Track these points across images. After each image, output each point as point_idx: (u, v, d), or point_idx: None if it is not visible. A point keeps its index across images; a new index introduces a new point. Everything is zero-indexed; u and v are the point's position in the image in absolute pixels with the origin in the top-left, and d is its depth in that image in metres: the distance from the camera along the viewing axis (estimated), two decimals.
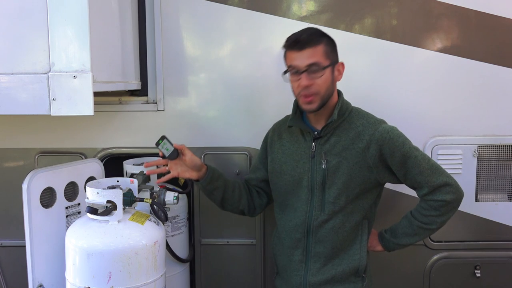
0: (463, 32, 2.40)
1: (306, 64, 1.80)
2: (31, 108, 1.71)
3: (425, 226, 1.94)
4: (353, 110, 1.97)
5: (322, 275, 1.93)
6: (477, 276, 2.50)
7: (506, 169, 2.45)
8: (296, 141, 2.00)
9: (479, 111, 2.43)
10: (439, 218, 1.92)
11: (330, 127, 1.92)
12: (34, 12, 1.69)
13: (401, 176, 1.91)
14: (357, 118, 1.93)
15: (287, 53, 1.88)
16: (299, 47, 1.82)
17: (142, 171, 2.20)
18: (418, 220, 1.94)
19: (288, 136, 2.03)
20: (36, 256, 1.95)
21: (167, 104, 2.45)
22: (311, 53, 1.81)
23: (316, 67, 1.81)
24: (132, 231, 1.79)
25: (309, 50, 1.81)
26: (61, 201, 2.06)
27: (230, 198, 2.07)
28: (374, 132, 1.88)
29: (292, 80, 1.88)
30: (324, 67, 1.82)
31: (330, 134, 1.92)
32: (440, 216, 1.92)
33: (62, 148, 2.47)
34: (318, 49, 1.82)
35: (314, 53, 1.81)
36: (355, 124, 1.92)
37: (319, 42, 1.83)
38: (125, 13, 2.23)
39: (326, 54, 1.83)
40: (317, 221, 1.92)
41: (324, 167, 1.90)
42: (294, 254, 1.98)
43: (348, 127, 1.92)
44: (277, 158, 2.04)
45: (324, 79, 1.83)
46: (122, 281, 1.74)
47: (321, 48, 1.83)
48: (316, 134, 1.93)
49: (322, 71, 1.81)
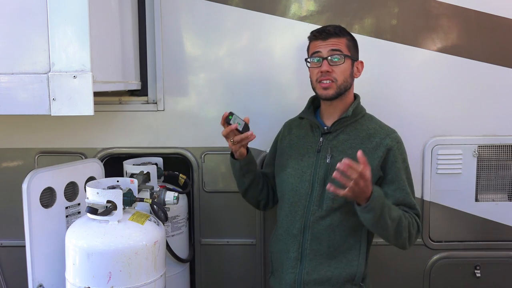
0: (463, 32, 2.40)
1: (329, 49, 1.91)
2: (31, 108, 1.71)
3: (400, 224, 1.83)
4: (367, 115, 2.04)
5: (317, 274, 1.92)
6: (477, 276, 2.50)
7: (506, 169, 2.46)
8: (304, 136, 2.04)
9: (479, 111, 2.43)
10: (405, 231, 1.84)
11: (341, 124, 1.96)
12: (34, 12, 1.68)
13: (386, 184, 1.91)
14: (370, 123, 1.99)
15: (312, 42, 1.99)
16: (324, 37, 1.93)
17: (142, 171, 2.20)
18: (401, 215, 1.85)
19: (298, 131, 2.08)
20: (36, 256, 1.95)
21: (167, 104, 2.45)
22: (335, 42, 1.92)
23: (338, 53, 1.90)
24: (132, 231, 1.79)
25: (333, 39, 1.93)
26: (61, 201, 2.06)
27: (255, 186, 2.14)
28: (386, 137, 1.93)
29: (312, 68, 1.96)
30: (345, 55, 1.91)
31: (340, 131, 1.96)
32: (405, 230, 1.85)
33: (62, 148, 2.47)
34: (341, 40, 1.93)
35: (338, 43, 1.92)
36: (367, 126, 1.97)
37: (343, 36, 1.95)
38: (125, 13, 2.23)
39: (348, 47, 1.94)
40: (314, 216, 1.91)
41: (328, 161, 1.92)
42: (289, 251, 1.97)
43: (360, 128, 1.96)
44: (284, 151, 2.08)
45: (343, 69, 1.91)
46: (122, 281, 1.74)
47: (344, 40, 1.94)
48: (325, 129, 1.97)
49: (343, 59, 1.90)
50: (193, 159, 2.47)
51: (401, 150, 1.95)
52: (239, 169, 2.07)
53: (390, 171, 1.91)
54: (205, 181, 2.49)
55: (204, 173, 2.48)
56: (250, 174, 2.09)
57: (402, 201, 1.91)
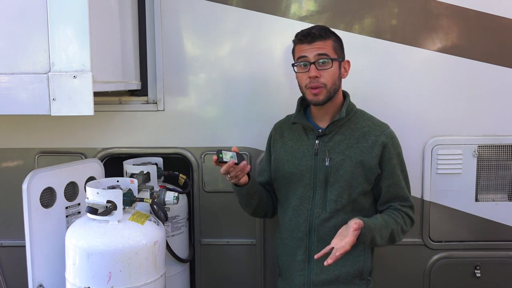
0: (463, 32, 2.40)
1: (315, 54, 1.86)
2: (31, 108, 1.71)
3: (393, 235, 1.89)
4: (358, 111, 2.02)
5: (326, 274, 1.93)
6: (477, 276, 2.50)
7: (506, 169, 2.45)
8: (298, 139, 2.01)
9: (479, 111, 2.43)
10: (398, 236, 1.91)
11: (336, 125, 1.95)
12: (34, 12, 1.68)
13: (381, 180, 1.95)
14: (363, 120, 1.99)
15: (297, 46, 1.94)
16: (309, 40, 1.89)
17: (142, 171, 2.20)
18: (392, 226, 1.89)
19: (290, 134, 2.05)
20: (36, 256, 1.95)
21: (167, 104, 2.45)
22: (321, 45, 1.88)
23: (325, 57, 1.87)
24: (132, 231, 1.79)
25: (319, 43, 1.88)
26: (61, 201, 2.06)
27: (262, 202, 2.08)
28: (380, 134, 1.94)
29: (300, 73, 1.93)
30: (332, 59, 1.88)
31: (335, 132, 1.95)
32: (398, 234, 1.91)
33: (62, 148, 2.47)
34: (327, 43, 1.89)
35: (324, 46, 1.88)
36: (361, 124, 1.96)
37: (328, 37, 1.91)
38: (125, 13, 2.23)
39: (334, 49, 1.91)
40: (318, 219, 1.92)
41: (328, 164, 1.92)
42: (297, 254, 1.98)
43: (354, 126, 1.96)
44: (279, 156, 2.05)
45: (332, 72, 1.89)
46: (122, 281, 1.74)
47: (330, 43, 1.90)
48: (320, 132, 1.96)
49: (330, 62, 1.87)
50: (193, 159, 2.47)
51: (395, 146, 1.97)
52: (245, 194, 1.99)
53: (386, 168, 1.94)
54: (205, 181, 2.49)
55: (204, 173, 2.48)
56: (256, 194, 2.03)
57: (396, 195, 1.96)
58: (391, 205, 1.97)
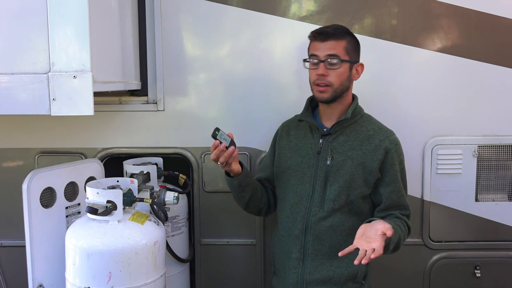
0: (463, 32, 2.40)
1: (326, 54, 1.88)
2: (31, 108, 1.71)
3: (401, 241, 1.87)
4: (365, 115, 2.03)
5: (319, 274, 1.93)
6: (477, 276, 2.50)
7: (506, 169, 2.45)
8: (303, 137, 2.03)
9: (479, 111, 2.43)
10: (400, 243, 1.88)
11: (341, 126, 1.96)
12: (34, 12, 1.68)
13: (382, 186, 1.94)
14: (369, 123, 2.00)
15: (311, 43, 1.96)
16: (322, 38, 1.90)
17: (142, 171, 2.20)
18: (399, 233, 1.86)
19: (296, 132, 2.07)
20: (36, 256, 1.95)
21: (167, 104, 2.45)
22: (333, 45, 1.89)
23: (335, 58, 1.88)
24: (132, 231, 1.79)
25: (331, 42, 1.89)
26: (61, 201, 2.06)
27: (255, 196, 2.07)
28: (385, 139, 1.94)
29: (311, 69, 1.95)
30: (342, 60, 1.88)
31: (340, 133, 1.96)
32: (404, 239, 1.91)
33: (62, 148, 2.47)
34: (340, 43, 1.90)
35: (336, 46, 1.89)
36: (366, 128, 1.97)
37: (342, 38, 1.91)
38: (125, 13, 2.23)
39: (346, 50, 1.91)
40: (315, 217, 1.92)
41: (329, 163, 1.92)
42: (291, 251, 1.98)
43: (359, 129, 1.97)
44: (283, 153, 2.07)
45: (340, 73, 1.89)
46: (122, 281, 1.74)
47: (343, 43, 1.90)
48: (325, 131, 1.97)
49: (339, 63, 1.88)
50: (193, 159, 2.47)
51: (398, 152, 1.97)
52: (237, 185, 1.98)
53: (388, 174, 1.93)
54: (205, 181, 2.49)
55: (204, 173, 2.48)
56: (249, 188, 2.02)
57: (396, 203, 1.95)
58: (391, 213, 1.94)
